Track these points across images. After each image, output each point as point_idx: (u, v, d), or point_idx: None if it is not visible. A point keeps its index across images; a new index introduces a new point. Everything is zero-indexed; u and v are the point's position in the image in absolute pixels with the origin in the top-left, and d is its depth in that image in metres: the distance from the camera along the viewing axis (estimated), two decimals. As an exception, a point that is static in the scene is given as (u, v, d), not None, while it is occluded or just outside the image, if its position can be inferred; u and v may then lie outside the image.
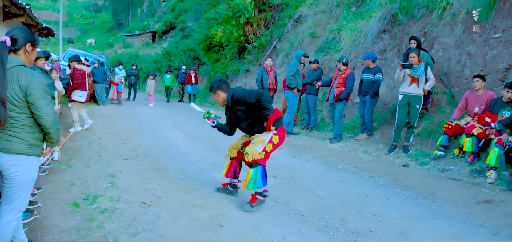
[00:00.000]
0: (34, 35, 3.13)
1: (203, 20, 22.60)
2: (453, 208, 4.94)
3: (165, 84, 19.25)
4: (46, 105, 3.00)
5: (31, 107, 2.94)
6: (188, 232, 3.82)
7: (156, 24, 56.11)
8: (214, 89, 4.74)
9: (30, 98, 2.91)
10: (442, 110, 8.37)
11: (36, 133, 3.06)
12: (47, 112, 3.00)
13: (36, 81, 2.94)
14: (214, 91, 4.75)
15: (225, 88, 4.73)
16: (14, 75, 2.89)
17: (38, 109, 2.95)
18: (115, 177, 5.52)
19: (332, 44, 12.96)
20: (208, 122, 5.01)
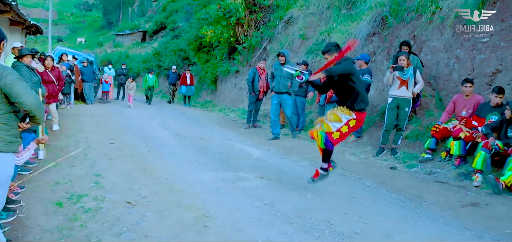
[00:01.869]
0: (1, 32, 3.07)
1: (194, 21, 22.51)
2: (439, 211, 4.95)
3: (147, 84, 18.66)
4: (24, 89, 2.97)
5: (10, 97, 2.90)
6: (173, 233, 3.79)
7: (146, 23, 55.93)
8: (330, 52, 5.18)
9: (7, 88, 2.87)
10: (430, 113, 8.41)
11: (12, 130, 3.02)
12: (27, 95, 2.96)
13: (7, 71, 2.90)
14: (330, 53, 5.19)
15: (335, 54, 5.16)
16: None
17: (17, 96, 2.92)
18: (100, 176, 5.46)
19: (322, 46, 12.95)
20: (298, 79, 5.31)
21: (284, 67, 6.84)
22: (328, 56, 5.19)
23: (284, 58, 9.37)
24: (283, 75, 9.26)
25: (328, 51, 5.19)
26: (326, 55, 5.22)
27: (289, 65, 6.48)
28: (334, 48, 5.20)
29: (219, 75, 18.76)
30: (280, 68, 9.24)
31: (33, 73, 7.49)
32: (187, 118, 13.65)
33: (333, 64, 5.10)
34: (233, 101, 16.58)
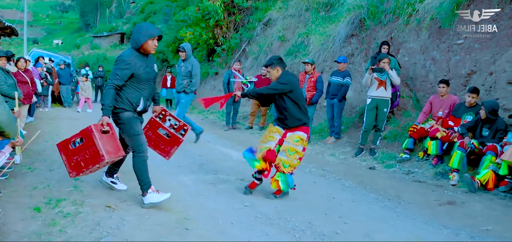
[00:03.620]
0: None
1: (172, 22, 22.41)
2: (418, 210, 5.04)
3: None
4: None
5: None
6: (154, 236, 3.76)
7: (124, 25, 55.36)
8: (273, 65, 5.11)
9: None
10: (407, 114, 8.54)
11: None
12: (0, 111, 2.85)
13: None
14: (273, 66, 5.12)
15: (282, 68, 5.14)
16: None
17: None
18: (79, 180, 5.37)
19: (301, 47, 13.06)
20: (244, 87, 5.30)
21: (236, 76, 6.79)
22: (271, 70, 5.13)
23: (185, 54, 8.56)
24: (181, 72, 8.63)
25: (271, 65, 5.12)
26: (269, 68, 5.16)
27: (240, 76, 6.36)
28: (276, 61, 5.11)
29: (198, 78, 18.70)
30: (181, 65, 8.69)
31: (9, 75, 7.37)
32: (166, 120, 13.54)
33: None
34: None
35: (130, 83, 4.36)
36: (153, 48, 4.39)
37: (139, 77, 4.38)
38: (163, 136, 5.20)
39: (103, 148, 4.14)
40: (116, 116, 4.45)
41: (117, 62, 4.33)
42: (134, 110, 4.46)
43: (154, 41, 4.36)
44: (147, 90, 4.54)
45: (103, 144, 4.19)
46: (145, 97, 4.54)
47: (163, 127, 5.14)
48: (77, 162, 4.27)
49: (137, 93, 4.42)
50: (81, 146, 4.23)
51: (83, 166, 4.24)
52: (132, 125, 4.45)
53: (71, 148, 4.30)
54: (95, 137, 4.14)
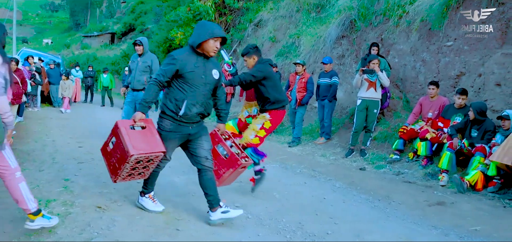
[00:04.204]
0: None
1: (163, 22, 22.37)
2: (407, 210, 5.07)
3: (102, 85, 17.99)
4: None
5: None
6: (144, 236, 3.75)
7: (115, 25, 55.11)
8: (249, 54, 5.25)
9: None
10: (397, 115, 8.59)
11: None
12: None
13: None
14: (249, 55, 5.25)
15: (258, 56, 5.28)
16: None
17: None
18: (69, 181, 5.35)
19: (291, 48, 13.09)
20: (226, 67, 5.52)
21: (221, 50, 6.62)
22: (247, 58, 5.28)
23: (142, 48, 7.88)
24: (139, 68, 7.87)
25: (247, 53, 5.28)
26: (245, 57, 5.31)
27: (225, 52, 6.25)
28: (252, 50, 5.26)
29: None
30: (137, 61, 7.93)
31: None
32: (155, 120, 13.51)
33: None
34: (204, 103, 16.55)
35: (176, 82, 3.97)
36: (214, 50, 3.97)
37: (186, 77, 3.92)
38: (220, 154, 4.64)
39: (129, 143, 3.78)
40: (158, 122, 4.14)
41: (166, 57, 4.04)
42: (176, 115, 3.98)
43: (217, 42, 3.97)
44: (195, 95, 3.99)
45: (131, 139, 3.84)
46: (191, 102, 3.98)
47: (223, 143, 4.61)
48: (113, 165, 4.03)
49: (181, 95, 3.95)
50: (114, 146, 4.00)
51: (117, 167, 3.96)
52: (165, 138, 4.07)
53: (109, 150, 4.08)
54: (121, 133, 3.86)
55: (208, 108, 4.20)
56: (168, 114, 4.02)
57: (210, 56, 4.03)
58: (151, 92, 3.94)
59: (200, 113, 4.10)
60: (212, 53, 3.99)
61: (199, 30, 3.96)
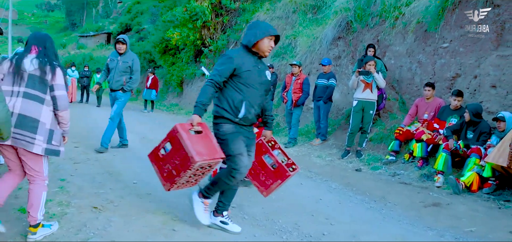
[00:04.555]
0: None
1: (160, 23, 22.33)
2: (403, 211, 5.09)
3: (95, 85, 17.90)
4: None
5: None
6: (140, 237, 3.75)
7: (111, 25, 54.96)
8: None
9: None
10: (393, 116, 8.62)
11: None
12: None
13: None
14: None
15: None
16: None
17: None
18: (65, 181, 5.34)
19: (288, 49, 13.10)
20: None
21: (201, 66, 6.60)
22: None
23: (126, 46, 7.49)
24: (119, 68, 7.46)
25: None
26: None
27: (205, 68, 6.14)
28: None
29: (185, 78, 18.67)
30: (117, 59, 7.50)
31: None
32: (153, 121, 13.53)
33: None
34: (200, 104, 16.52)
35: (231, 82, 3.76)
36: (269, 49, 3.80)
37: (244, 77, 3.73)
38: (268, 165, 4.30)
39: (192, 148, 3.53)
40: (215, 129, 3.88)
41: (221, 57, 3.82)
42: (235, 117, 3.79)
43: (271, 41, 3.82)
44: (253, 96, 3.81)
45: (193, 144, 3.59)
46: (250, 103, 3.79)
47: (271, 153, 4.32)
48: (169, 172, 3.76)
49: (238, 95, 3.74)
50: (170, 151, 3.73)
51: (175, 174, 3.70)
52: (232, 140, 3.77)
53: (161, 156, 3.81)
54: (181, 137, 3.58)
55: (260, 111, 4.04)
56: (226, 118, 3.79)
57: (265, 55, 3.86)
58: (206, 94, 3.70)
59: (257, 115, 3.95)
60: (267, 53, 3.83)
61: (254, 30, 3.79)
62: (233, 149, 3.74)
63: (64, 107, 3.64)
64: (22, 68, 3.43)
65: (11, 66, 3.44)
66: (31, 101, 3.41)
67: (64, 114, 3.67)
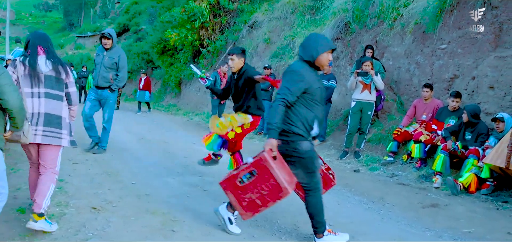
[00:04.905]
0: None
1: (158, 23, 22.32)
2: (401, 212, 5.10)
3: (89, 86, 17.31)
4: (13, 90, 3.22)
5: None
6: (140, 238, 3.75)
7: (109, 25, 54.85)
8: (242, 55, 5.17)
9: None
10: (391, 117, 8.63)
11: (1, 127, 3.28)
12: (14, 97, 3.21)
13: (2, 71, 3.17)
14: (240, 56, 5.16)
15: (243, 60, 5.19)
16: None
17: (5, 94, 3.14)
18: (63, 181, 5.34)
19: (286, 50, 13.10)
20: (201, 81, 5.43)
21: (192, 66, 6.54)
22: (237, 58, 5.14)
23: (111, 41, 7.17)
24: (104, 64, 7.13)
25: (241, 53, 5.17)
26: (235, 56, 5.13)
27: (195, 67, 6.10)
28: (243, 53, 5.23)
29: (183, 79, 18.65)
30: (103, 54, 7.20)
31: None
32: (151, 122, 13.52)
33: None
34: (197, 105, 16.53)
35: (302, 100, 3.62)
36: (328, 62, 3.74)
37: (313, 94, 3.64)
38: None
39: (284, 179, 3.46)
40: (289, 146, 3.68)
41: (287, 73, 3.67)
42: (309, 135, 3.74)
43: (330, 54, 3.74)
44: (320, 112, 3.78)
45: (281, 173, 3.49)
46: (319, 120, 3.78)
47: None
48: (251, 202, 3.62)
49: (310, 113, 3.67)
50: (254, 180, 3.57)
51: (260, 204, 3.60)
52: (313, 158, 3.74)
53: (239, 186, 3.64)
54: (271, 167, 3.45)
55: None
56: (302, 135, 3.66)
57: (324, 69, 3.85)
58: (280, 114, 3.49)
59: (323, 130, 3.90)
60: (326, 66, 3.78)
61: (314, 44, 3.67)
62: (316, 166, 3.76)
63: (76, 102, 4.09)
64: (38, 70, 3.73)
65: (25, 68, 3.70)
66: (53, 100, 3.78)
67: (75, 109, 4.10)
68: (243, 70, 5.15)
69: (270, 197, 3.52)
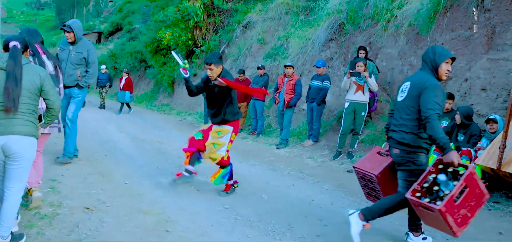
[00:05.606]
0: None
1: (151, 23, 22.24)
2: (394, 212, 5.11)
3: None
4: (56, 93, 3.70)
5: (44, 94, 3.55)
6: (133, 238, 3.75)
7: (102, 24, 54.63)
8: (219, 63, 5.20)
9: (45, 87, 3.53)
10: (385, 118, 8.65)
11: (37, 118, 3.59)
12: (57, 98, 3.66)
13: (46, 74, 3.58)
14: (218, 64, 5.18)
15: (221, 66, 5.25)
16: (32, 70, 3.48)
17: (51, 96, 3.58)
18: (56, 181, 5.31)
19: (280, 50, 13.12)
20: (182, 72, 5.26)
21: (173, 52, 6.28)
22: (215, 68, 5.16)
23: (73, 34, 6.36)
24: (71, 60, 6.35)
25: (218, 62, 5.20)
26: (214, 66, 5.15)
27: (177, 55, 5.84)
28: (221, 60, 5.30)
29: (176, 78, 18.60)
30: (68, 48, 6.42)
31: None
32: (144, 121, 13.49)
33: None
34: (191, 104, 16.49)
35: None
36: (446, 72, 3.84)
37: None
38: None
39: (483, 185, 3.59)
40: (414, 158, 3.82)
41: (433, 89, 3.64)
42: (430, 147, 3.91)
43: (448, 64, 3.85)
44: None
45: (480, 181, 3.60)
46: None
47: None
48: (463, 216, 3.56)
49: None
50: (466, 195, 3.53)
51: (470, 216, 3.58)
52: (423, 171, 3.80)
53: (455, 204, 3.51)
54: (477, 177, 3.56)
55: None
56: (424, 148, 3.84)
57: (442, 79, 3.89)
58: (440, 128, 3.51)
59: None
60: (445, 76, 3.87)
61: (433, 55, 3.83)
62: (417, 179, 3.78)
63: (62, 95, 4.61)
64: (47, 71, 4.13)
65: None
66: None
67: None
68: (221, 76, 5.14)
69: (477, 205, 3.58)
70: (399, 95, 4.08)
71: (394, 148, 3.88)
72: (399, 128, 3.88)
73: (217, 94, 5.24)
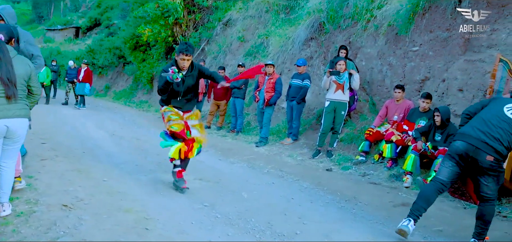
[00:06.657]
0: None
1: (130, 18, 21.99)
2: (373, 211, 5.17)
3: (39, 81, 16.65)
4: (37, 81, 4.21)
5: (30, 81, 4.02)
6: (112, 236, 3.69)
7: (80, 19, 53.77)
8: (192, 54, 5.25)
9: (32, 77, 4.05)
10: (364, 117, 8.74)
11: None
12: (39, 86, 4.24)
13: (33, 66, 4.15)
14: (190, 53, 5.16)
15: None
16: (22, 61, 3.97)
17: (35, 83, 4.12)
18: (32, 178, 5.20)
19: (260, 49, 13.12)
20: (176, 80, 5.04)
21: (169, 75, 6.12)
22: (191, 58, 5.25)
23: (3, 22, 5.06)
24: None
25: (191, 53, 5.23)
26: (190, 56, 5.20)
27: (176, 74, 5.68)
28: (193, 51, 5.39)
29: (155, 75, 18.44)
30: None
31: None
32: (122, 118, 13.35)
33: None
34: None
35: None
36: None
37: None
38: None
39: None
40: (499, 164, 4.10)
41: None
42: None
43: None
44: None
45: None
46: None
47: None
48: None
49: None
50: None
51: None
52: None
53: None
54: None
55: None
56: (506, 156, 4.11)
57: None
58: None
59: None
60: None
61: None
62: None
63: None
64: None
65: None
66: None
67: None
68: (194, 64, 5.35)
69: None
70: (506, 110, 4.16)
71: (489, 154, 3.98)
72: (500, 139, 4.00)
73: (195, 84, 5.45)
